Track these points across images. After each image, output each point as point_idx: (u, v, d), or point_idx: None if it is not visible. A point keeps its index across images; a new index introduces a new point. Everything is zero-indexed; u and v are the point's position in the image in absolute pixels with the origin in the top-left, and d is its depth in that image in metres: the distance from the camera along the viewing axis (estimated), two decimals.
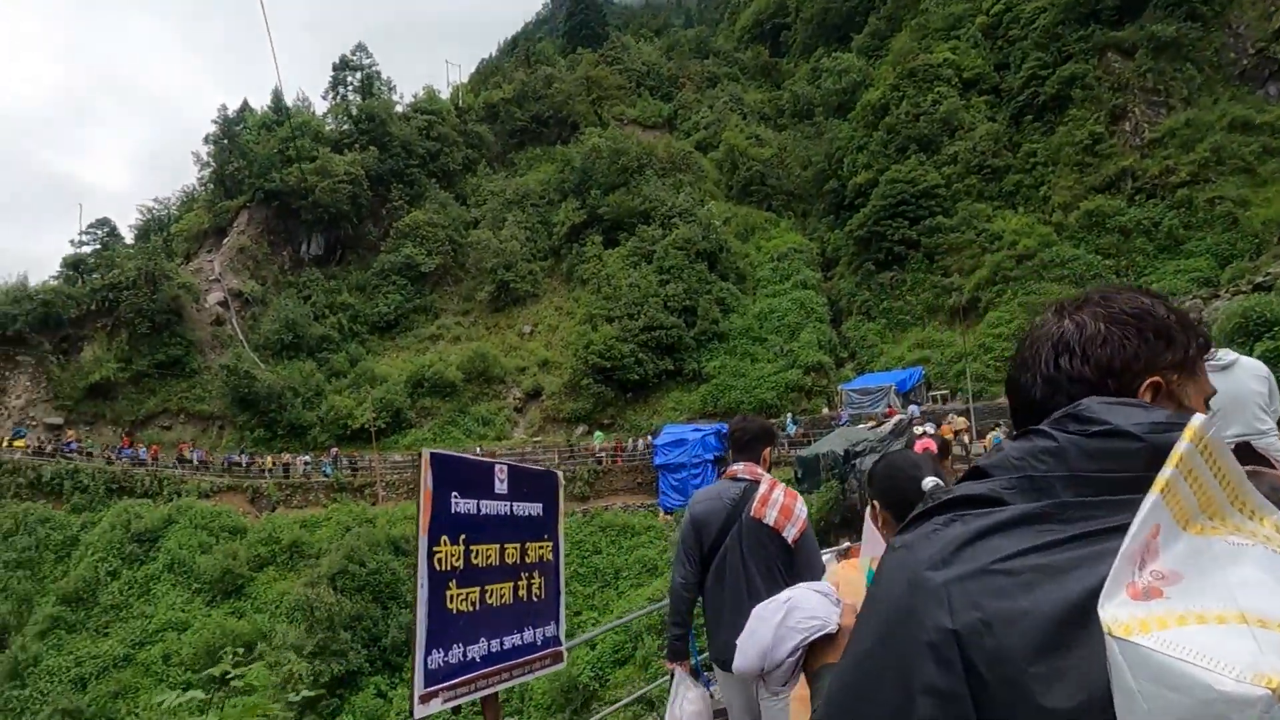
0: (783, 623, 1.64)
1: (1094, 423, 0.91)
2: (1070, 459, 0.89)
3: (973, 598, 0.82)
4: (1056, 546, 0.83)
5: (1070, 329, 1.09)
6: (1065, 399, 1.02)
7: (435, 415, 45.79)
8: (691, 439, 35.45)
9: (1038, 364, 1.08)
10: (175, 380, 45.91)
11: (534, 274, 55.43)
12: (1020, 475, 0.91)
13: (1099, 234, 41.11)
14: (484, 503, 2.71)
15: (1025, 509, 0.88)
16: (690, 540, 3.77)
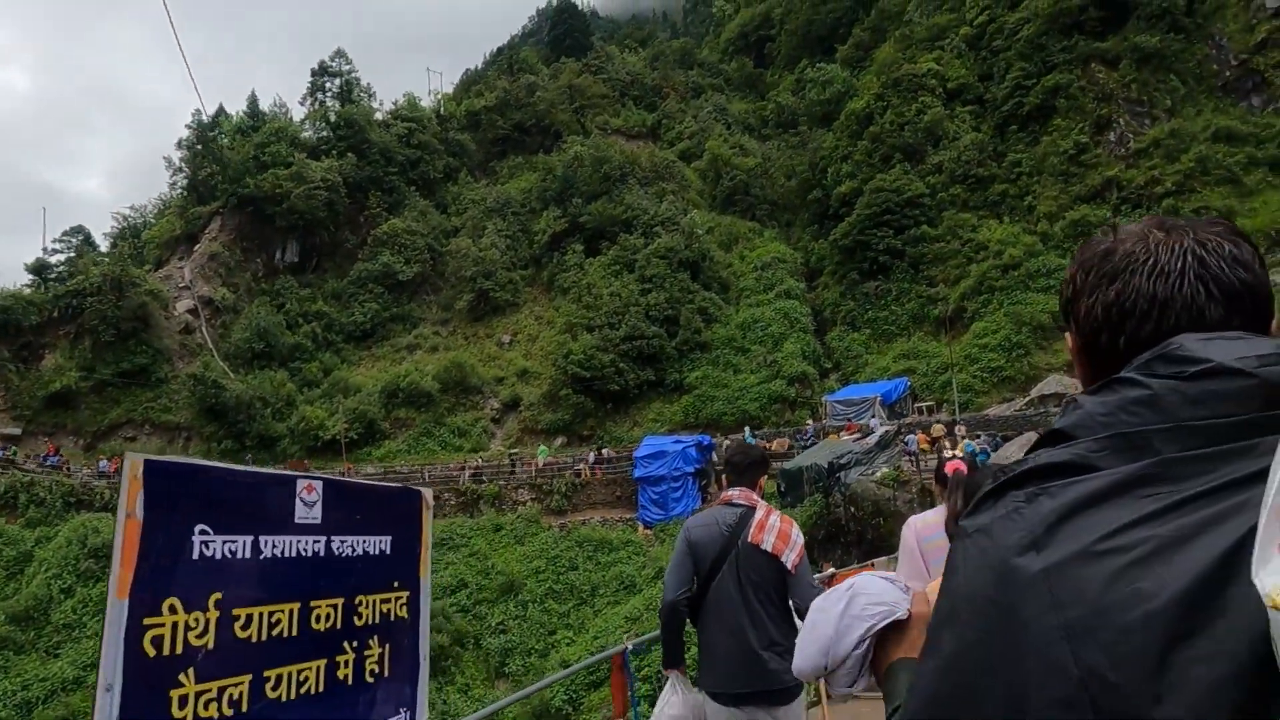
0: (846, 611, 1.39)
1: (1191, 361, 0.78)
2: (1170, 407, 0.76)
3: (1081, 586, 0.69)
4: (1170, 513, 0.70)
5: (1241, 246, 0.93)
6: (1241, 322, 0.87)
7: (410, 426, 44.59)
8: (672, 451, 34.45)
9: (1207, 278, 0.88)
10: (140, 390, 44.46)
11: (514, 283, 54.45)
12: (1111, 434, 0.78)
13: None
14: (269, 539, 1.76)
15: (1124, 472, 0.75)
16: (685, 561, 3.75)
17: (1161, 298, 0.88)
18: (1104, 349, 0.92)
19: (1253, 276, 0.90)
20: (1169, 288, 0.87)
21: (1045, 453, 0.81)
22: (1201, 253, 0.89)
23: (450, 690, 27.20)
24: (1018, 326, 38.15)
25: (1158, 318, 0.87)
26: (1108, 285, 0.92)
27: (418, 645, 2.26)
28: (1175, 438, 0.75)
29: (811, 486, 27.30)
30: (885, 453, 27.70)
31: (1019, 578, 0.72)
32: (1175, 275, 0.88)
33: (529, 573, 31.69)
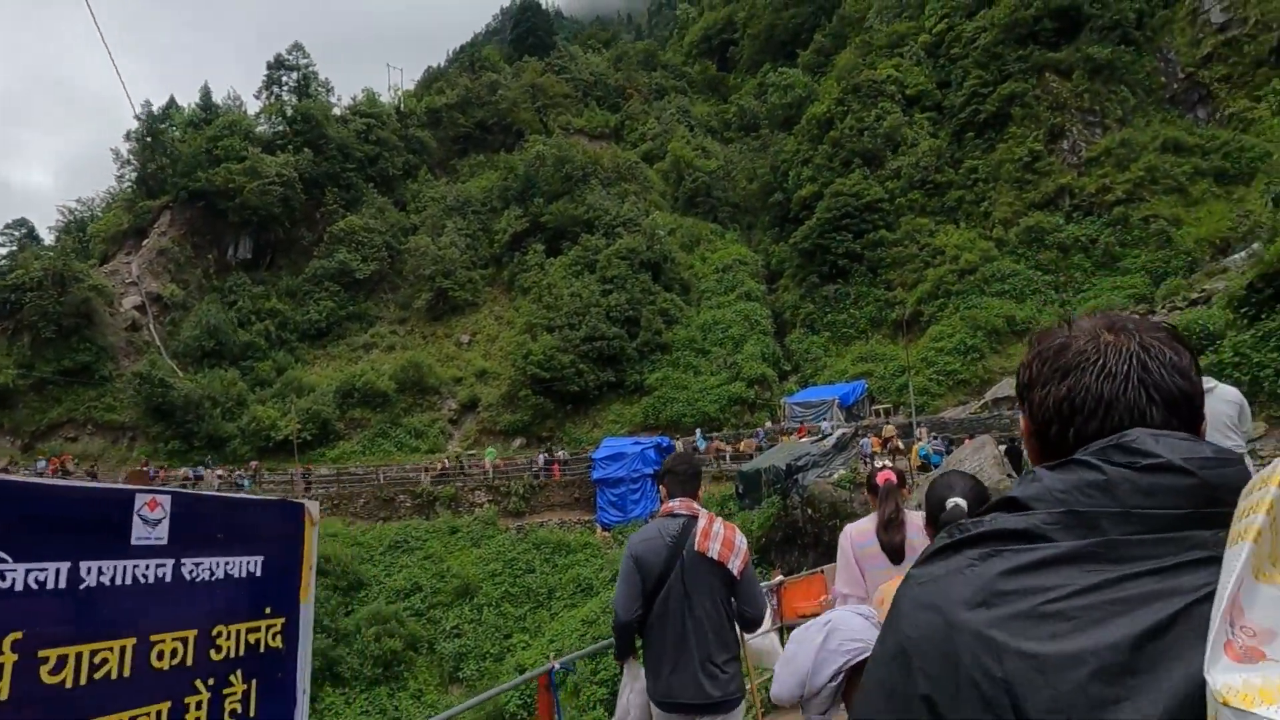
0: (824, 646, 1.58)
1: (1145, 455, 0.86)
2: (1120, 493, 0.85)
3: (1023, 643, 0.76)
4: (1108, 586, 0.78)
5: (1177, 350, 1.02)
6: (1178, 423, 0.96)
7: (365, 427, 43.77)
8: (631, 453, 34.25)
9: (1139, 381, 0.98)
10: (83, 388, 42.96)
11: (474, 282, 53.82)
12: (1066, 510, 0.86)
13: (1038, 249, 41.40)
14: (93, 565, 1.51)
15: (1073, 546, 0.83)
16: (633, 579, 3.74)
17: (1108, 398, 0.96)
18: (1053, 439, 0.99)
19: (1189, 384, 0.98)
20: (1115, 389, 0.96)
21: (1001, 517, 0.89)
22: (1145, 358, 0.98)
23: (403, 696, 26.68)
24: (973, 330, 38.67)
25: (1103, 415, 0.96)
26: (1060, 380, 1.00)
27: (295, 678, 2.02)
28: (1122, 521, 0.83)
29: (769, 488, 27.30)
30: (843, 455, 27.82)
31: (967, 630, 0.79)
32: (1121, 378, 0.97)
33: (485, 575, 31.25)
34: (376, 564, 32.73)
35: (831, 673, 1.54)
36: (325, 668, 26.70)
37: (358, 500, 36.56)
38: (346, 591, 30.64)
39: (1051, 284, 39.89)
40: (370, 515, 36.06)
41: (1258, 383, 16.29)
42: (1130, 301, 35.74)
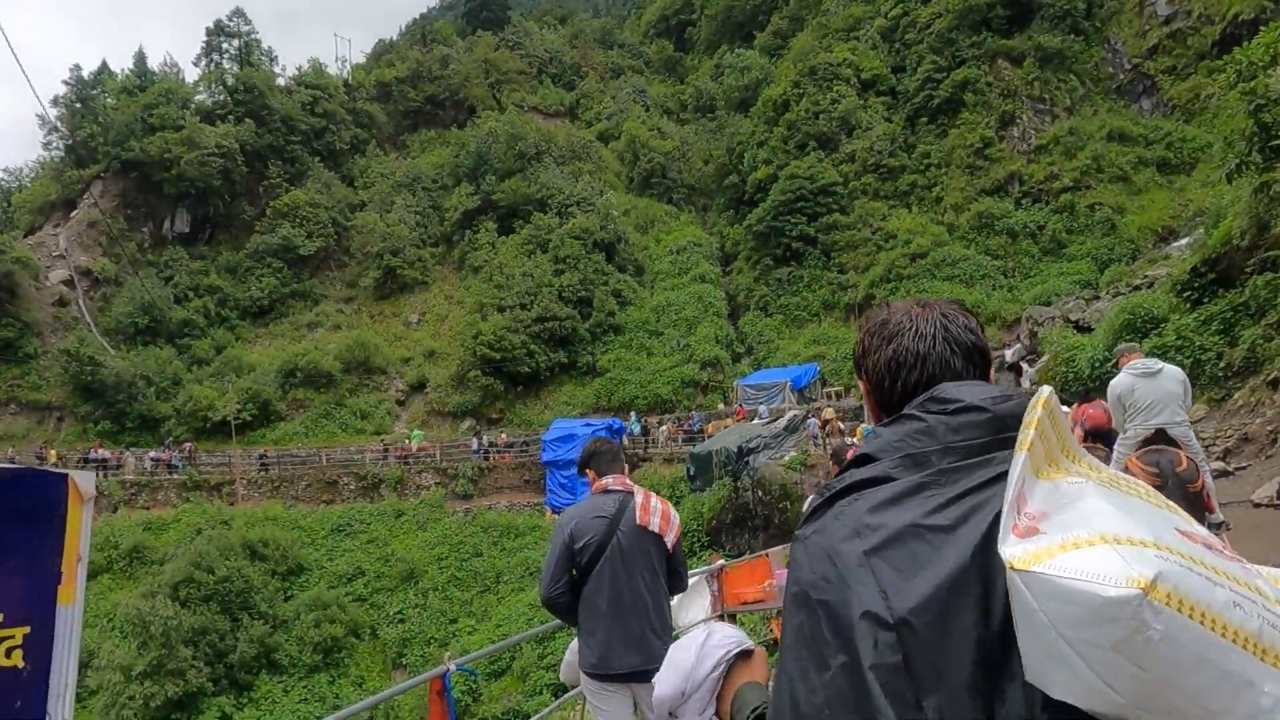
0: (704, 644, 1.86)
1: (951, 402, 1.13)
2: (939, 434, 1.11)
3: (890, 560, 1.00)
4: (947, 506, 1.02)
5: (963, 323, 1.34)
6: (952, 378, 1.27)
7: (308, 408, 42.50)
8: (582, 434, 33.76)
9: (937, 348, 1.29)
10: (6, 366, 40.85)
11: (423, 261, 52.58)
12: (903, 454, 1.11)
13: (988, 235, 41.81)
14: None
15: (914, 480, 1.07)
16: (563, 555, 3.80)
17: (923, 353, 1.27)
18: (886, 392, 1.29)
19: (979, 340, 1.32)
20: (927, 346, 1.27)
21: (856, 471, 1.14)
22: (946, 322, 1.30)
23: (344, 683, 26.01)
24: None
25: (920, 367, 1.26)
26: (886, 345, 1.30)
27: (44, 701, 1.51)
28: (945, 455, 1.08)
29: (720, 470, 27.10)
30: (793, 437, 27.72)
31: (848, 558, 1.02)
32: (930, 338, 1.28)
33: (431, 560, 30.62)
34: (318, 548, 31.85)
35: (712, 665, 1.71)
36: (262, 655, 25.90)
37: (299, 483, 35.50)
38: (285, 576, 29.76)
39: (1000, 269, 40.35)
40: (312, 499, 35.05)
41: (1199, 365, 16.43)
42: (1076, 287, 36.27)
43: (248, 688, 25.16)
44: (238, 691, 25.00)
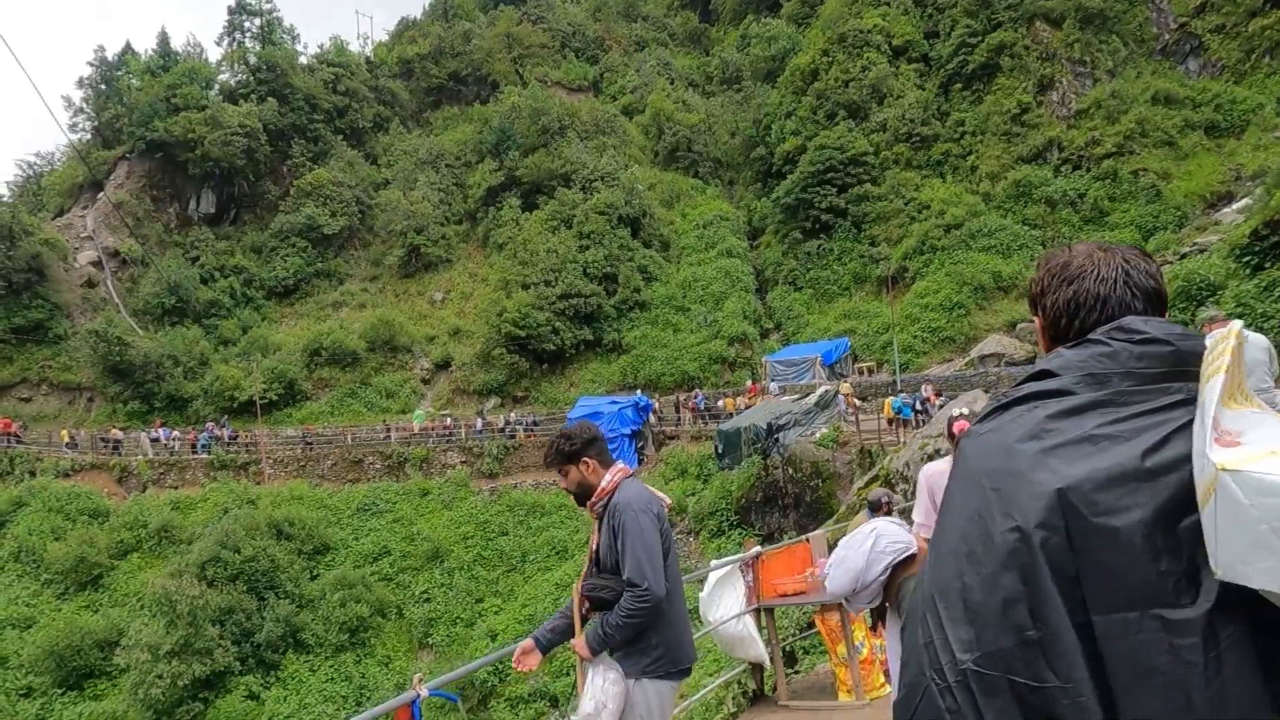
0: (873, 548, 1.99)
1: (1137, 333, 1.24)
2: (1122, 358, 1.22)
3: (1066, 460, 1.12)
4: (1121, 421, 1.15)
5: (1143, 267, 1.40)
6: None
7: (334, 387, 42.40)
8: (608, 412, 33.24)
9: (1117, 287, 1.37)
10: (37, 347, 41.17)
11: (447, 238, 52.11)
12: (1085, 373, 1.23)
13: (1026, 204, 40.41)
14: None
15: (1093, 396, 1.20)
16: (660, 543, 3.33)
17: (1104, 296, 1.35)
18: (1063, 330, 1.38)
19: (1159, 284, 1.38)
20: (1108, 290, 1.35)
21: (1036, 384, 1.27)
22: (1128, 267, 1.37)
23: (370, 663, 25.87)
24: (959, 286, 37.76)
25: (1100, 309, 1.34)
26: (1067, 286, 1.38)
27: None
28: (1125, 378, 1.20)
29: (749, 448, 26.40)
30: (825, 413, 26.89)
31: (1023, 454, 1.16)
32: (1112, 282, 1.35)
33: (456, 539, 30.35)
34: (344, 527, 31.72)
35: (881, 569, 1.92)
36: (289, 634, 25.82)
37: (325, 462, 35.40)
38: (312, 556, 29.65)
39: (1039, 239, 38.99)
40: (338, 478, 34.93)
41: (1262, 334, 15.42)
42: None
43: (274, 667, 25.10)
44: (264, 671, 24.94)
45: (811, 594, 5.36)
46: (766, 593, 5.44)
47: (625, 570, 3.15)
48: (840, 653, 5.14)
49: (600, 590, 3.23)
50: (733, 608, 5.17)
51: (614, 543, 3.22)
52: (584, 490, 3.34)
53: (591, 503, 3.34)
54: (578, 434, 3.38)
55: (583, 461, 3.31)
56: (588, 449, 3.34)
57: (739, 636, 5.16)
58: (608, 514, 3.28)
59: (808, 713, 5.09)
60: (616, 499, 3.28)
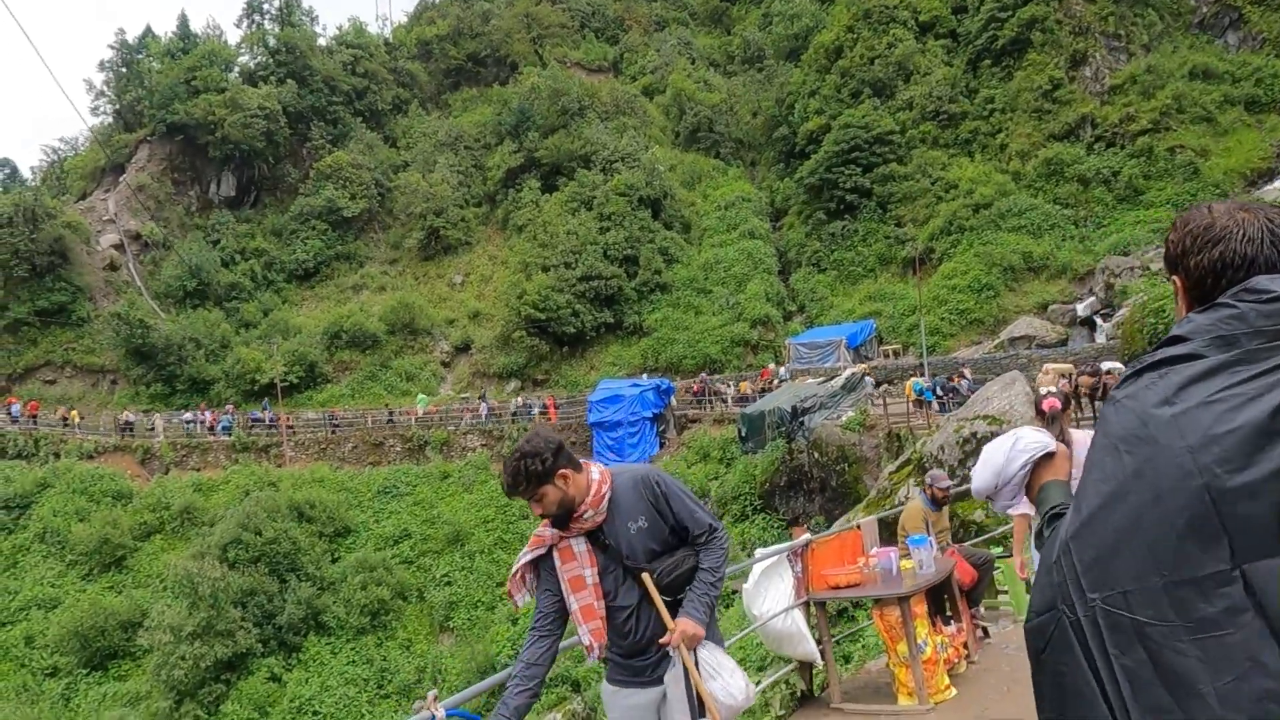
0: (1013, 447, 2.03)
1: (1265, 292, 1.26)
2: (1249, 319, 1.24)
3: (1197, 422, 1.18)
4: (1250, 380, 1.18)
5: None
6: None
7: (354, 369, 42.33)
8: (628, 395, 32.91)
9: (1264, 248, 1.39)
10: (60, 329, 41.35)
11: (466, 221, 51.77)
12: (1214, 336, 1.25)
13: (1057, 183, 39.35)
14: None
15: (1223, 358, 1.22)
16: None
17: (1250, 256, 1.36)
18: (1207, 290, 1.39)
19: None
20: (1255, 250, 1.36)
21: (1168, 349, 1.31)
22: (1271, 226, 1.38)
23: (391, 645, 25.78)
24: (988, 267, 36.88)
25: (1247, 269, 1.35)
26: (1212, 247, 1.39)
27: None
28: (1253, 338, 1.22)
29: (773, 431, 25.94)
30: (851, 396, 26.39)
31: (1157, 419, 1.22)
32: (1258, 241, 1.36)
33: (477, 522, 30.16)
34: (364, 510, 31.63)
35: (1020, 465, 1.96)
36: (310, 617, 25.76)
37: (345, 445, 35.31)
38: (333, 538, 29.59)
39: (1071, 218, 37.99)
40: (358, 460, 34.86)
41: None
42: (1155, 236, 33.89)
43: (296, 649, 25.07)
44: (286, 653, 24.92)
45: (867, 586, 4.92)
46: (817, 585, 5.00)
47: (695, 523, 2.78)
48: (901, 652, 4.70)
49: (680, 567, 2.76)
50: (780, 601, 4.73)
51: (658, 514, 2.77)
52: (568, 508, 2.75)
53: (579, 514, 2.75)
54: (543, 447, 2.73)
55: (559, 476, 2.71)
56: (559, 460, 2.74)
57: (787, 633, 4.73)
58: (627, 495, 2.79)
59: (864, 718, 4.65)
60: (626, 479, 2.83)
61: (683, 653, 2.67)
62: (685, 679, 2.70)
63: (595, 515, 2.73)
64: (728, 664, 2.74)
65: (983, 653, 5.50)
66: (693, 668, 2.67)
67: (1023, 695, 4.63)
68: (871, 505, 16.56)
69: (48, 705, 23.63)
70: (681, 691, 2.70)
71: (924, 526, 5.79)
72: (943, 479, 6.17)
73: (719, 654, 2.75)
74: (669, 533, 2.77)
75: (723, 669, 2.73)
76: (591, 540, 2.79)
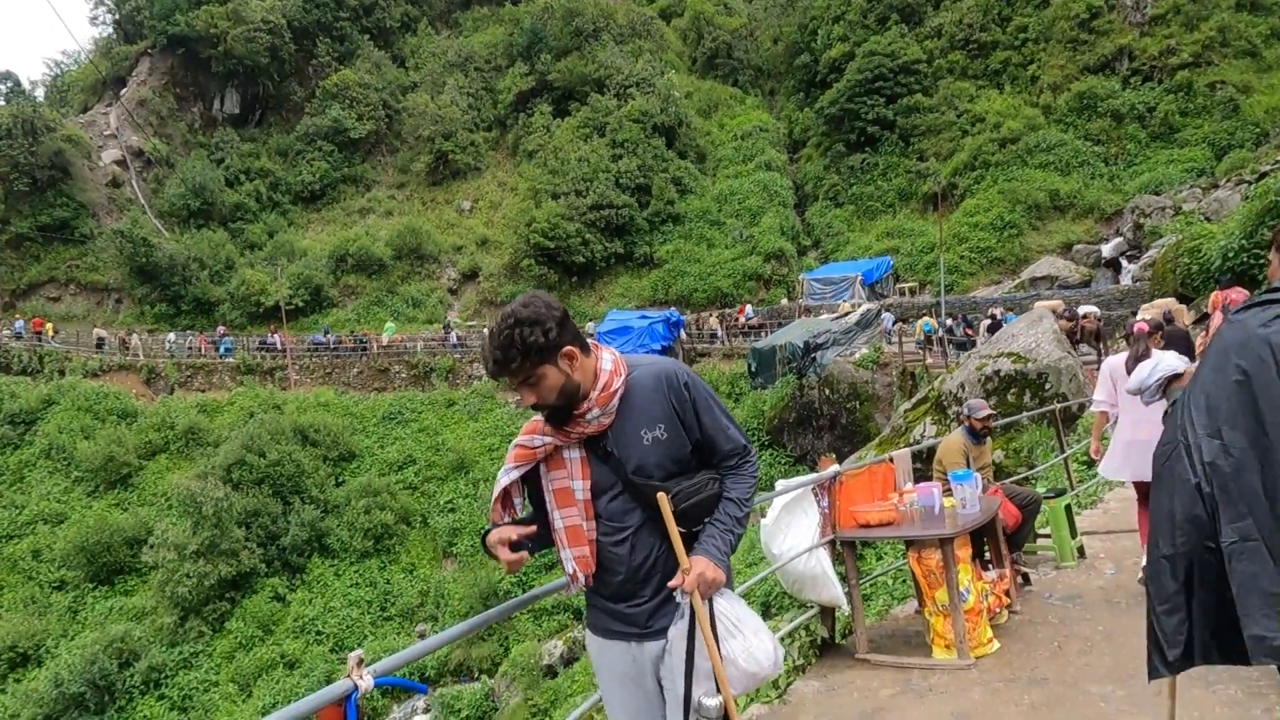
0: (1155, 367, 3.46)
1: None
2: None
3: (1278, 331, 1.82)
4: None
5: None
6: None
7: (360, 294, 41.75)
8: (637, 327, 32.28)
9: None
10: (63, 246, 40.71)
11: (476, 145, 50.40)
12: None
13: (1089, 118, 37.79)
14: None
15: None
16: None
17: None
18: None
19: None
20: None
21: (1271, 294, 1.93)
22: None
23: (394, 569, 25.83)
24: (1011, 205, 35.72)
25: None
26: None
27: None
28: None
29: (784, 367, 25.36)
30: (865, 333, 25.74)
31: (1256, 335, 1.84)
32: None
33: (482, 450, 29.94)
34: (369, 435, 31.45)
35: (1158, 379, 3.05)
36: (314, 539, 25.77)
37: (350, 370, 34.98)
38: (336, 463, 29.46)
39: (1101, 155, 36.60)
40: (364, 386, 34.57)
41: None
42: (1189, 175, 32.64)
43: (300, 570, 25.14)
44: (290, 574, 24.99)
45: (903, 526, 4.40)
46: (844, 523, 4.48)
47: (726, 440, 2.14)
48: (939, 600, 4.19)
49: (702, 492, 2.10)
50: (803, 540, 4.22)
51: (681, 424, 2.10)
52: (569, 398, 2.05)
53: (582, 411, 2.05)
54: (544, 314, 2.00)
55: (563, 354, 2.01)
56: (564, 333, 2.02)
57: (811, 575, 4.22)
58: (645, 395, 2.09)
59: (895, 670, 4.17)
60: (647, 374, 2.12)
61: (695, 601, 2.01)
62: (692, 634, 2.04)
63: (601, 417, 2.06)
64: (751, 621, 2.12)
65: (1024, 602, 5.00)
66: (705, 621, 2.03)
67: (1078, 655, 4.14)
68: (884, 443, 16.07)
69: (55, 617, 23.86)
70: (684, 649, 2.05)
71: (963, 462, 5.25)
72: (981, 408, 5.60)
73: (741, 607, 2.13)
74: (690, 450, 2.13)
75: (745, 626, 2.10)
76: (588, 447, 2.12)
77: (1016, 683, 3.86)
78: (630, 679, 2.20)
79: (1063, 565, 5.66)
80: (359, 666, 1.72)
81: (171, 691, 21.27)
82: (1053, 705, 3.60)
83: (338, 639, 22.85)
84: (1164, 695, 3.42)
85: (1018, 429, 11.97)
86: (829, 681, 4.20)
